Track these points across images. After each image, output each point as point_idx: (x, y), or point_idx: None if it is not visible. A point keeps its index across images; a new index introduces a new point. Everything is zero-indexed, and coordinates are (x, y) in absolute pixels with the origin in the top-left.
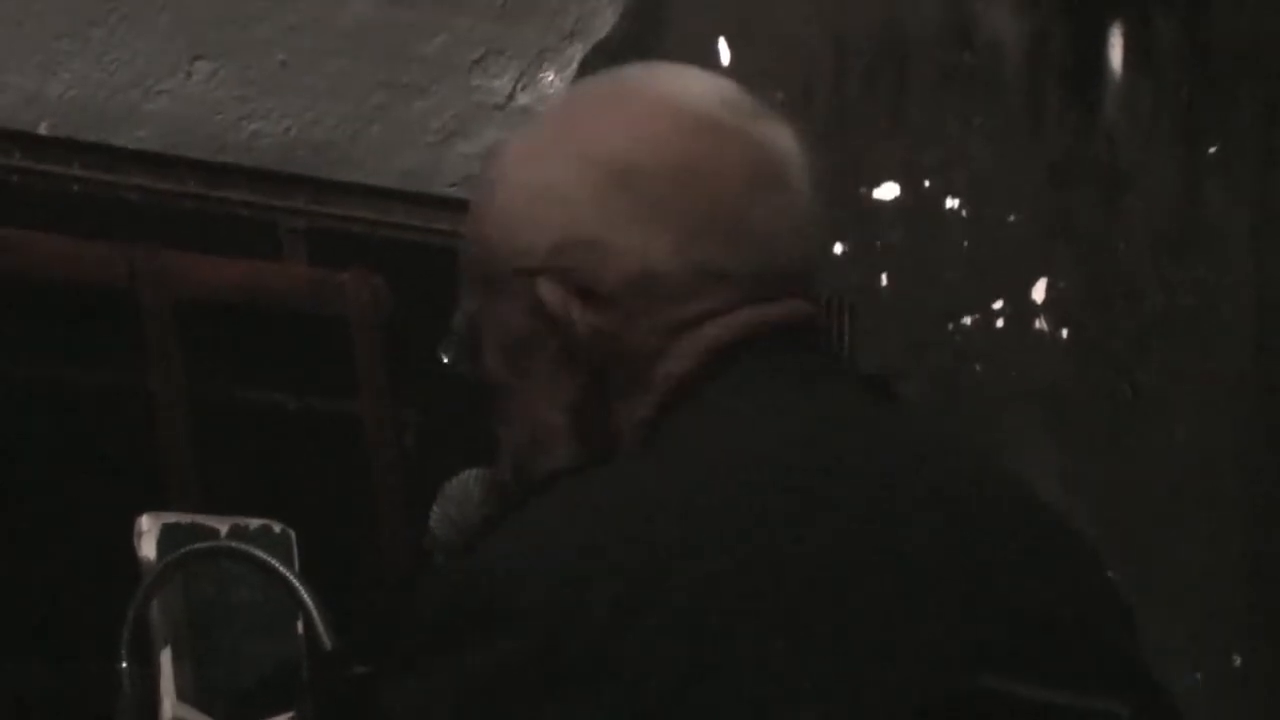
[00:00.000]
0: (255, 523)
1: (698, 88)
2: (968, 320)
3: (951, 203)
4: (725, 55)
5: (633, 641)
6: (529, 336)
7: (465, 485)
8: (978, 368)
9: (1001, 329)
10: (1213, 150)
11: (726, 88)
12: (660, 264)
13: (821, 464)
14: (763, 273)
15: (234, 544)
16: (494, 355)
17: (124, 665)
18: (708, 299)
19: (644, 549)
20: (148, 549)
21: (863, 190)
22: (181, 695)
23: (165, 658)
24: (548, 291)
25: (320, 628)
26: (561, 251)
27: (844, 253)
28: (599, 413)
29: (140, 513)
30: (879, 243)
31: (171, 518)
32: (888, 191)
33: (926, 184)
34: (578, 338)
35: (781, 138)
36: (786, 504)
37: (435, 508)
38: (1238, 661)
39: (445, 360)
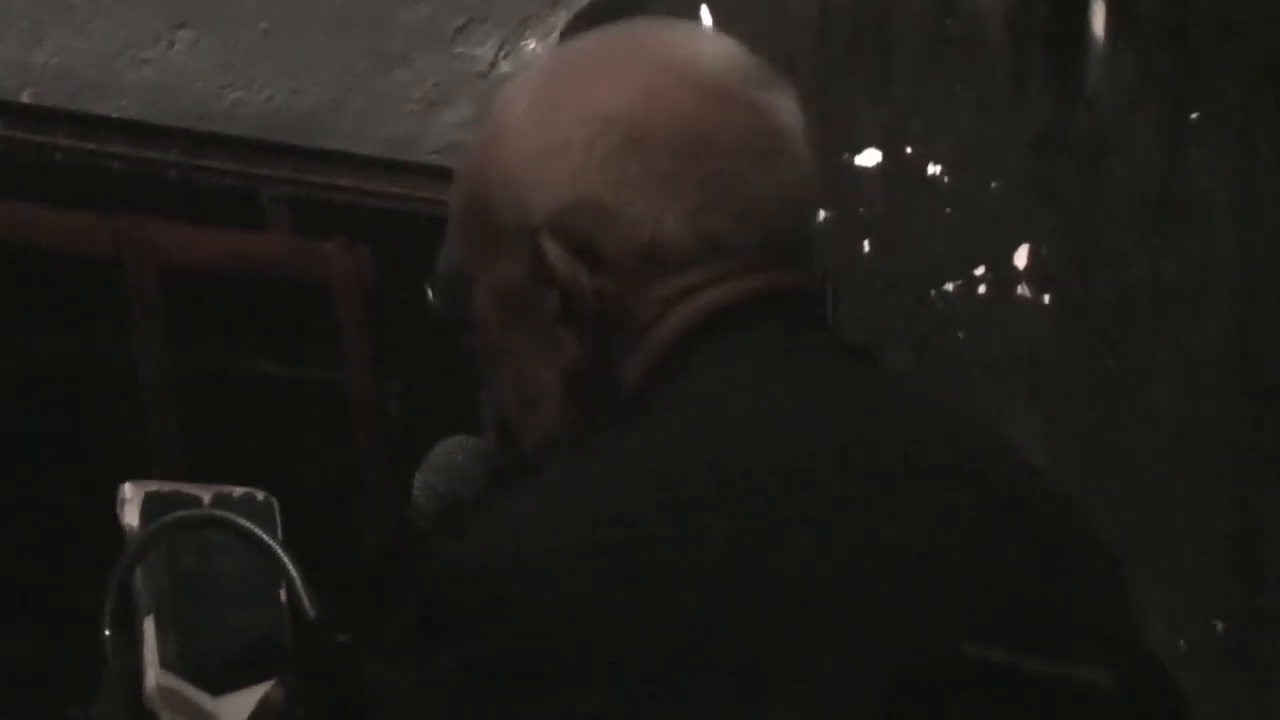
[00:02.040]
0: (238, 491)
1: (709, 50)
2: (950, 287)
3: (934, 170)
4: (708, 22)
5: (622, 628)
6: (526, 293)
7: (449, 453)
8: (960, 335)
9: (984, 296)
10: (1195, 118)
11: (735, 52)
12: (669, 233)
13: (808, 436)
14: (765, 244)
15: (217, 512)
16: (486, 305)
17: (107, 634)
18: (710, 268)
19: (630, 533)
20: (130, 517)
21: (845, 157)
22: (165, 664)
23: (148, 626)
24: (552, 251)
25: (304, 596)
26: (569, 212)
27: (826, 220)
28: (592, 375)
29: (123, 481)
30: (861, 210)
31: (154, 486)
32: (870, 158)
33: (909, 151)
34: (579, 299)
35: (786, 106)
36: (773, 480)
37: (419, 476)
38: (1220, 628)
39: (431, 302)
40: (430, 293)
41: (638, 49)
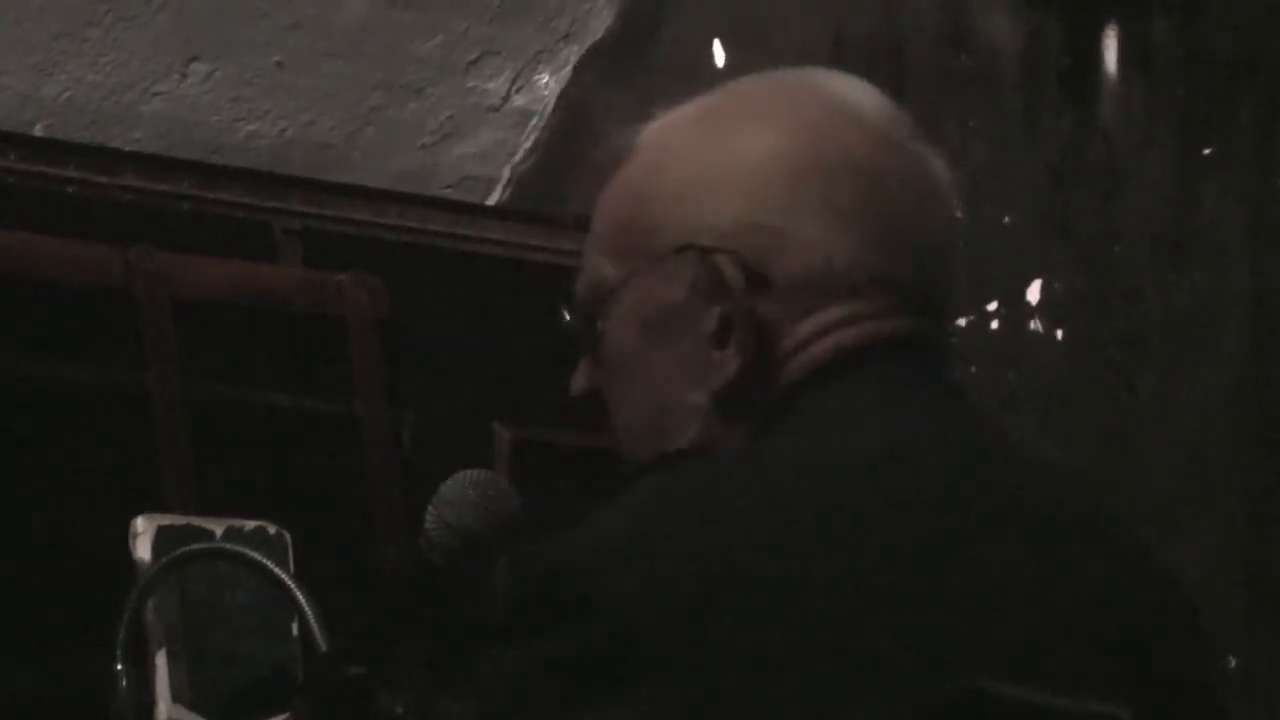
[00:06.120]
0: (250, 524)
1: (870, 99)
2: (963, 321)
3: None
4: (721, 57)
5: (709, 633)
6: (682, 313)
7: (461, 487)
8: (973, 369)
9: (997, 330)
10: (1209, 151)
11: (891, 104)
12: (840, 263)
13: (916, 474)
14: (918, 287)
15: (229, 546)
16: (629, 328)
17: (119, 667)
18: (867, 303)
19: (727, 544)
20: (143, 550)
21: None
22: (177, 697)
23: (160, 659)
24: (725, 269)
25: (315, 629)
26: (744, 233)
27: None
28: (741, 398)
29: (136, 514)
30: None
31: (167, 519)
32: None
33: None
34: (742, 320)
35: (938, 161)
36: (875, 506)
37: (431, 509)
38: (1234, 663)
39: (565, 325)
40: (565, 314)
41: (803, 90)
